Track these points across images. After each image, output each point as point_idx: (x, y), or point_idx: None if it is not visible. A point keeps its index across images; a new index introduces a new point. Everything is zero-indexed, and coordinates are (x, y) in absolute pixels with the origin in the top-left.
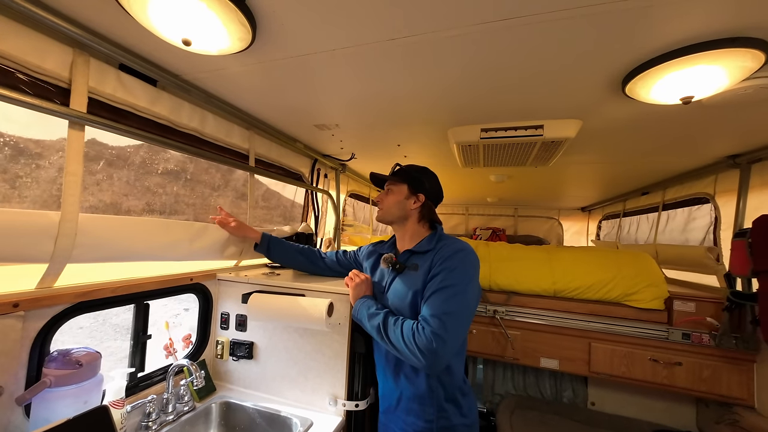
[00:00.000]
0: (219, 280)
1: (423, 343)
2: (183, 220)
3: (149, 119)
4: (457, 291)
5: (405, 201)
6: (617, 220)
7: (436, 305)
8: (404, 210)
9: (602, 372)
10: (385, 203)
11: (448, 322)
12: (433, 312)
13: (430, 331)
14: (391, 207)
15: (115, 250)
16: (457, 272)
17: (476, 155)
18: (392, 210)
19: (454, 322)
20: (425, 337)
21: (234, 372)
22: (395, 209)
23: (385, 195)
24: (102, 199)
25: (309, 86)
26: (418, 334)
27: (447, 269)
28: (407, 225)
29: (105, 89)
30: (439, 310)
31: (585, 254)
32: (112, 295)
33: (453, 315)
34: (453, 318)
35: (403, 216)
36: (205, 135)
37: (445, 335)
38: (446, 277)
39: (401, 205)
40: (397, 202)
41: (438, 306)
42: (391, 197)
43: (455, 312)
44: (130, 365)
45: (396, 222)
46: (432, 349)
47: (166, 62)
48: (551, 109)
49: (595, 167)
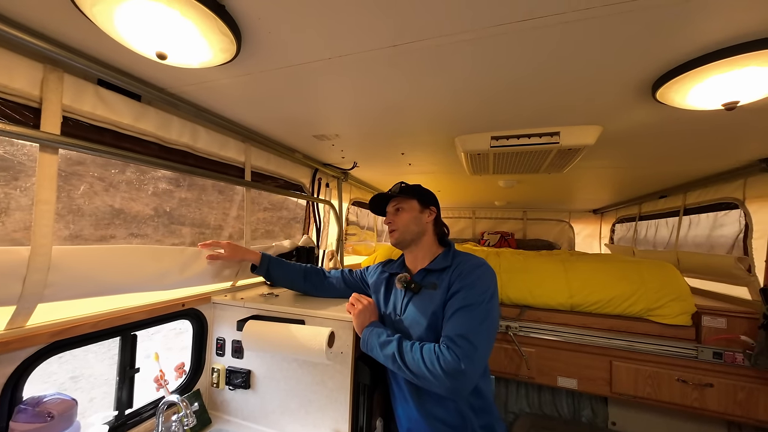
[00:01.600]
0: (214, 304)
1: (449, 364)
2: (176, 245)
3: (135, 137)
4: (482, 309)
5: (420, 215)
6: (632, 224)
7: (460, 324)
8: (421, 225)
9: (625, 393)
10: (399, 222)
11: (474, 340)
12: (457, 331)
13: (459, 352)
14: (408, 224)
15: (96, 284)
16: (479, 288)
17: (485, 163)
18: (410, 227)
19: (480, 340)
20: (451, 358)
21: (231, 402)
22: (413, 226)
23: (396, 215)
24: (82, 226)
25: (306, 96)
26: (443, 356)
27: (468, 286)
28: (423, 241)
29: (82, 107)
30: (463, 328)
31: (604, 265)
32: (93, 330)
33: (479, 334)
34: (479, 337)
35: (422, 232)
36: (198, 150)
37: (473, 354)
38: (468, 294)
39: (418, 220)
40: (413, 218)
41: (462, 325)
42: (404, 215)
43: (480, 330)
44: (116, 403)
45: (415, 241)
46: (460, 370)
47: (147, 76)
48: (569, 114)
49: (610, 171)
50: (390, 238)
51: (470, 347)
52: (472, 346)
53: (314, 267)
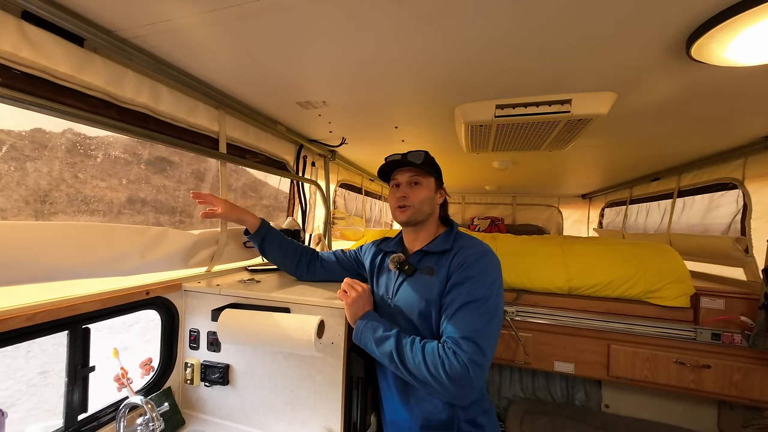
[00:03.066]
0: (186, 291)
1: (456, 372)
2: (137, 224)
3: (76, 90)
4: (489, 305)
5: (434, 196)
6: (622, 208)
7: (466, 323)
8: (433, 207)
9: (623, 376)
10: (415, 199)
11: (483, 343)
12: (463, 332)
13: (466, 358)
14: (423, 204)
15: (28, 269)
16: (485, 281)
17: (486, 137)
18: (424, 207)
19: (488, 341)
20: (459, 364)
21: (208, 400)
22: (427, 206)
23: (411, 188)
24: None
25: (286, 50)
26: (449, 360)
27: (472, 278)
28: (430, 222)
29: (1, 45)
30: (469, 329)
31: (603, 248)
32: (29, 324)
33: (486, 334)
34: (486, 338)
35: (431, 213)
36: (160, 113)
37: (482, 360)
38: (473, 288)
39: (431, 201)
40: (428, 197)
41: (468, 324)
42: (422, 192)
43: (488, 330)
44: (65, 408)
45: (423, 221)
46: (467, 378)
47: (88, 10)
48: (582, 79)
49: (605, 152)
50: (398, 214)
51: (477, 351)
52: (480, 350)
53: (308, 248)
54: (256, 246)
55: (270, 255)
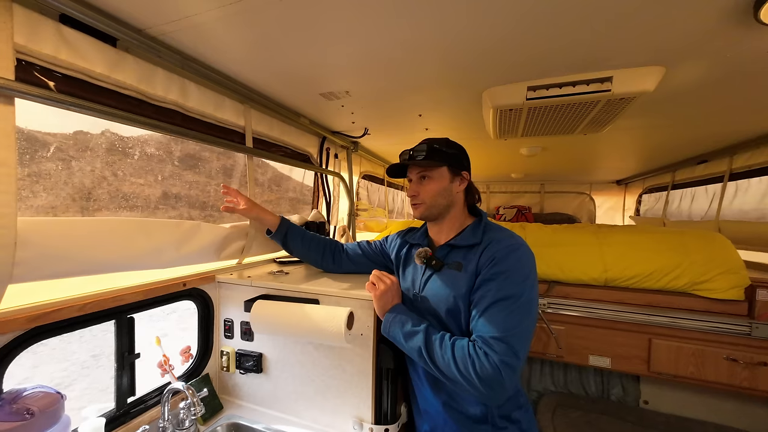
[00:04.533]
0: (219, 283)
1: (487, 373)
2: (172, 218)
3: (111, 90)
4: (522, 302)
5: (450, 186)
6: (663, 194)
7: (496, 322)
8: (450, 197)
9: (665, 372)
10: (425, 195)
11: (515, 344)
12: (493, 332)
13: (498, 359)
14: (435, 198)
15: (76, 262)
16: (516, 277)
17: (516, 122)
18: (438, 201)
19: (521, 342)
20: (490, 366)
21: (242, 386)
22: (441, 199)
23: (420, 185)
24: (60, 195)
25: (309, 39)
26: (479, 361)
27: (502, 274)
28: (451, 214)
29: (42, 49)
30: (500, 328)
31: (643, 236)
32: (80, 314)
33: (519, 334)
34: (519, 338)
35: (450, 204)
36: (189, 109)
37: (515, 362)
38: (504, 284)
39: (447, 192)
40: (441, 189)
41: (499, 324)
42: (431, 186)
43: (521, 330)
44: (115, 392)
45: (443, 214)
46: (499, 381)
47: (121, 10)
48: (625, 53)
49: (644, 132)
50: (413, 210)
51: (509, 352)
52: (512, 352)
53: (333, 240)
54: (279, 243)
55: (294, 250)
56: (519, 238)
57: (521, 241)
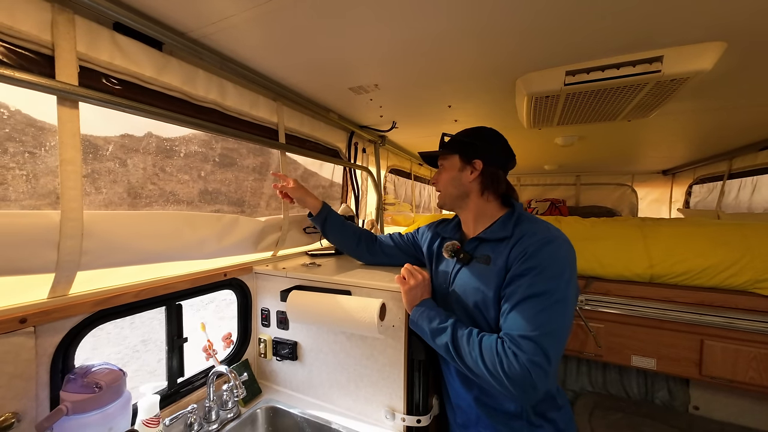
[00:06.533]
0: (256, 274)
1: (516, 373)
2: (212, 211)
3: (158, 92)
4: (555, 300)
5: (460, 175)
6: (717, 184)
7: (528, 321)
8: (461, 186)
9: (720, 376)
10: (440, 184)
11: (545, 344)
12: (524, 331)
13: (526, 359)
14: (446, 187)
15: (132, 252)
16: (550, 273)
17: (552, 110)
18: (449, 190)
19: (553, 342)
20: (518, 365)
21: (279, 373)
22: (451, 188)
23: (439, 174)
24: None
25: (340, 33)
26: (508, 360)
27: (535, 270)
28: (469, 205)
29: (100, 56)
30: (532, 327)
31: (695, 230)
32: (136, 300)
33: (550, 333)
34: (552, 338)
35: (463, 194)
36: (228, 108)
37: (545, 363)
38: (535, 281)
39: (456, 181)
40: (451, 179)
41: (530, 322)
42: (444, 175)
43: (553, 329)
44: (167, 372)
45: (458, 204)
46: (529, 380)
47: (167, 16)
48: (677, 29)
49: (697, 116)
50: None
51: (539, 353)
52: (541, 351)
53: (368, 231)
54: (318, 227)
55: (331, 236)
56: (556, 230)
57: (557, 233)
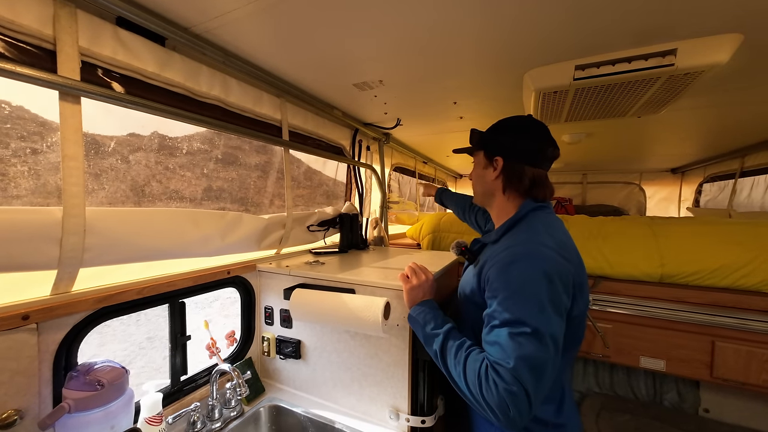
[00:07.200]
0: (260, 272)
1: (494, 401)
2: (216, 209)
3: (161, 87)
4: (528, 332)
5: (484, 173)
6: (729, 182)
7: (503, 348)
8: (485, 184)
9: (732, 379)
10: (472, 181)
11: (524, 377)
12: (500, 359)
13: (503, 389)
14: (475, 184)
15: (135, 249)
16: (518, 299)
17: (560, 106)
18: (476, 188)
19: (533, 377)
20: (496, 393)
21: (283, 371)
22: (478, 186)
23: (472, 171)
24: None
25: (343, 28)
26: (487, 385)
27: (501, 293)
28: (495, 203)
29: (101, 50)
30: (507, 356)
31: (707, 228)
32: (139, 297)
33: (529, 368)
34: (530, 372)
35: (488, 192)
36: (231, 105)
37: (523, 396)
38: (505, 306)
39: (481, 179)
40: (477, 176)
41: (505, 350)
42: (473, 172)
43: (531, 364)
44: (170, 370)
45: (486, 202)
46: (506, 411)
47: (170, 10)
48: (691, 21)
49: (710, 112)
50: None
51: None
52: (520, 384)
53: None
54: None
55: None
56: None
57: (532, 248)
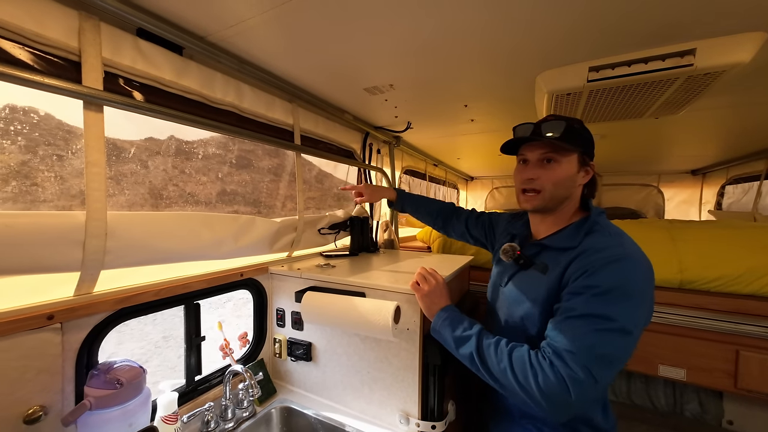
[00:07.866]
0: (272, 274)
1: (551, 386)
2: (230, 212)
3: (178, 95)
4: (615, 328)
5: (576, 176)
6: (754, 184)
7: (577, 336)
8: (572, 189)
9: (757, 390)
10: (546, 181)
11: (594, 365)
12: (570, 346)
13: (566, 373)
14: (557, 187)
15: (152, 252)
16: (614, 296)
17: (574, 108)
18: (558, 192)
19: (604, 368)
20: (555, 378)
21: (294, 373)
22: (563, 190)
23: (543, 168)
24: (139, 192)
25: (354, 33)
26: (542, 372)
27: (594, 289)
28: (562, 210)
29: (122, 60)
30: (580, 345)
31: (729, 233)
32: (156, 299)
33: (603, 358)
34: (602, 362)
35: (567, 197)
36: (244, 111)
37: (589, 382)
38: (593, 301)
39: (570, 182)
40: (566, 178)
41: (579, 340)
42: (557, 172)
43: (606, 355)
44: (185, 370)
45: (555, 207)
46: (564, 398)
47: (188, 20)
48: (711, 20)
49: (732, 112)
50: (522, 200)
51: (584, 371)
52: (588, 371)
53: (447, 208)
54: (398, 210)
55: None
56: (632, 246)
57: (632, 249)
